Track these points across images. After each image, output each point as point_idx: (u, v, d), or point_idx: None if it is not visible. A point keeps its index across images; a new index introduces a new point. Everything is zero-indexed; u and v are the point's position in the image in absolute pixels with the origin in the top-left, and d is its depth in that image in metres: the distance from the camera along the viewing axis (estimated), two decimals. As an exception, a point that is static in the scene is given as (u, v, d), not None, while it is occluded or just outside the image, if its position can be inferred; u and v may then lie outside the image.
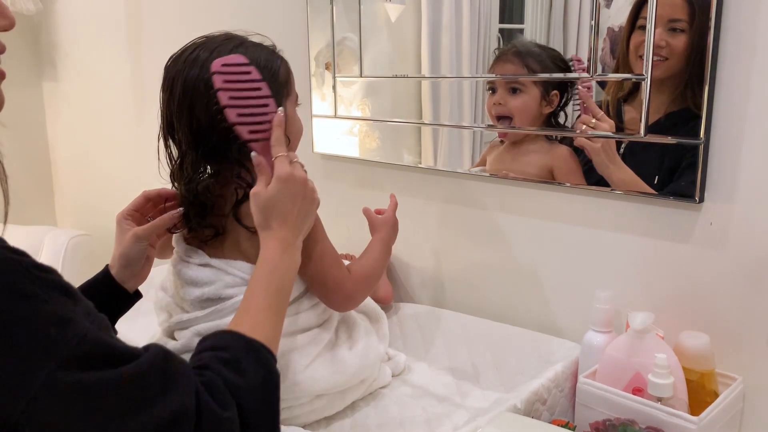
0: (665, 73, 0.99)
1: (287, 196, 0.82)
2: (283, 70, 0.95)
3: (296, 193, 0.84)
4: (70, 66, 2.33)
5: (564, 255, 1.18)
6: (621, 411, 0.93)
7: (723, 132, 0.97)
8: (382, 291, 1.36)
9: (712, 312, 1.02)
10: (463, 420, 0.99)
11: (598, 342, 1.04)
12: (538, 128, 1.17)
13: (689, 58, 0.97)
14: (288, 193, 0.83)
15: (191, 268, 0.97)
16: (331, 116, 1.48)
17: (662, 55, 0.99)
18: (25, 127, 2.43)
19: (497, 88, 1.20)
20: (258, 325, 0.75)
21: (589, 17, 1.07)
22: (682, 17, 0.96)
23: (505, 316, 1.27)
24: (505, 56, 1.20)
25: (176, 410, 0.58)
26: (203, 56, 0.90)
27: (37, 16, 2.27)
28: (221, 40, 0.93)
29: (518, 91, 1.18)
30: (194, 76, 0.89)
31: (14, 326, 0.52)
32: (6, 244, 0.56)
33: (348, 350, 1.04)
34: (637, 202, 1.07)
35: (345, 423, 1.04)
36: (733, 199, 0.98)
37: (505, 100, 1.19)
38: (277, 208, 0.82)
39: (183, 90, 0.89)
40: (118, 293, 0.97)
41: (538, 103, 1.16)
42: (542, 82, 1.15)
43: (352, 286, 1.01)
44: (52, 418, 0.53)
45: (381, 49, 1.41)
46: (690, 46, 0.96)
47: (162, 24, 1.91)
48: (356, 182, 1.50)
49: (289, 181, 0.83)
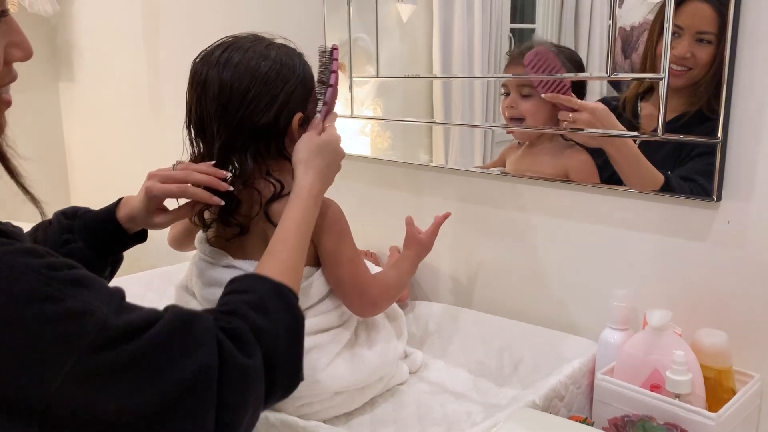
0: (687, 82, 1.00)
1: (333, 151, 0.97)
2: (310, 73, 0.99)
3: (338, 151, 0.98)
4: (86, 67, 2.35)
5: (580, 253, 1.19)
6: (639, 407, 0.93)
7: (740, 130, 0.97)
8: None
9: (730, 310, 1.02)
10: (480, 416, 1.00)
11: (615, 339, 1.04)
12: (546, 127, 1.18)
13: (712, 68, 0.96)
14: (333, 149, 0.97)
15: (216, 270, 0.99)
16: (347, 116, 1.49)
17: (687, 65, 0.99)
18: (42, 128, 2.45)
19: (510, 92, 1.21)
20: (286, 269, 0.78)
21: (599, 17, 1.08)
22: (711, 30, 0.95)
23: (522, 313, 1.27)
24: (518, 59, 1.20)
25: (198, 369, 0.60)
26: (236, 58, 0.92)
27: (54, 18, 2.29)
28: (251, 40, 0.95)
29: (528, 95, 1.18)
30: (229, 77, 0.92)
31: (35, 328, 0.54)
32: (16, 246, 0.57)
33: (368, 349, 1.06)
34: (654, 201, 1.08)
35: (364, 419, 1.05)
36: (750, 197, 0.98)
37: (516, 103, 1.20)
38: (323, 154, 0.94)
39: (219, 90, 0.92)
40: (121, 235, 0.97)
41: (549, 105, 1.16)
42: (550, 85, 1.16)
43: (378, 294, 1.04)
44: (79, 401, 0.55)
45: (393, 49, 1.42)
46: (716, 57, 0.95)
47: (179, 24, 1.93)
48: (370, 181, 1.51)
49: (337, 142, 0.98)
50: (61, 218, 0.96)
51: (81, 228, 0.94)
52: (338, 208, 1.02)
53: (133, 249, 1.00)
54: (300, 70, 0.97)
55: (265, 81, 0.92)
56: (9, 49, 0.65)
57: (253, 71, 0.92)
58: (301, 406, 0.99)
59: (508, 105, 1.21)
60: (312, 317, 0.99)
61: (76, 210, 0.97)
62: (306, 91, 0.98)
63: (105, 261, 0.96)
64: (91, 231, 0.94)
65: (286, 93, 0.94)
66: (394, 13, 1.39)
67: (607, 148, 1.09)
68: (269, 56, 0.94)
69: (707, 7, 0.96)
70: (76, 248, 0.93)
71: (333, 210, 1.00)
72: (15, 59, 0.66)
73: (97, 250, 0.94)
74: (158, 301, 1.46)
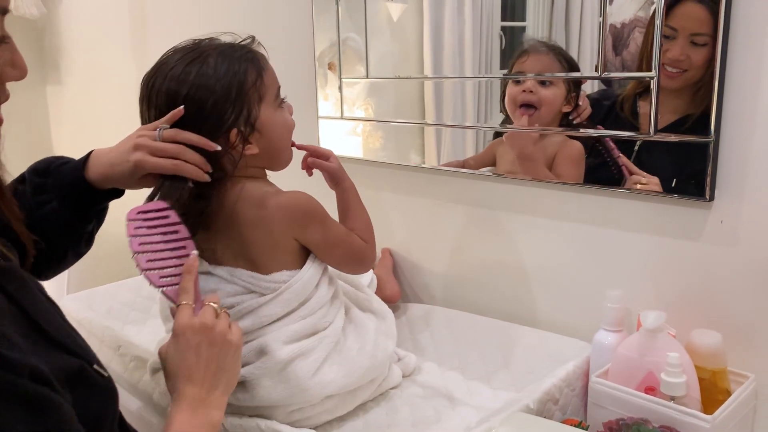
0: (682, 84, 0.99)
1: (186, 350, 0.73)
2: (250, 74, 0.93)
3: (198, 343, 0.74)
4: (74, 69, 2.33)
5: (574, 254, 1.18)
6: (634, 410, 0.93)
7: (733, 130, 0.97)
8: (388, 290, 1.36)
9: (724, 310, 1.02)
10: (475, 420, 0.99)
11: (609, 341, 1.03)
12: (541, 128, 1.17)
13: (709, 70, 0.95)
14: (186, 346, 0.73)
15: None
16: (337, 117, 1.48)
17: (681, 67, 0.98)
18: (30, 131, 2.43)
19: (526, 80, 1.20)
20: None
21: (590, 14, 1.07)
22: (705, 31, 0.95)
23: (515, 315, 1.26)
24: (537, 50, 1.19)
25: None
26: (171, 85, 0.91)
27: (40, 20, 2.27)
28: (177, 58, 0.93)
29: (549, 84, 1.17)
30: (165, 105, 0.91)
31: None
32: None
33: (357, 351, 1.04)
34: (647, 201, 1.07)
35: (357, 424, 1.04)
36: (743, 196, 0.98)
37: (536, 89, 1.18)
38: (178, 367, 0.73)
39: (165, 100, 0.92)
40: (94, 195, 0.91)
41: (563, 99, 1.16)
42: (568, 82, 1.15)
43: (372, 246, 1.08)
44: None
45: (384, 48, 1.41)
46: (711, 59, 0.95)
47: (166, 26, 1.91)
48: (362, 183, 1.50)
49: (186, 332, 0.74)
50: (33, 177, 0.90)
51: (55, 187, 0.88)
52: (306, 198, 0.98)
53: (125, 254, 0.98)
54: (230, 81, 0.91)
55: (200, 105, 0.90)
56: (4, 68, 0.64)
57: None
58: (292, 412, 0.98)
59: (525, 89, 1.19)
60: (293, 323, 0.97)
61: (48, 164, 0.91)
62: (243, 96, 0.92)
63: (84, 218, 0.91)
64: (66, 189, 0.88)
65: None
66: (385, 13, 1.38)
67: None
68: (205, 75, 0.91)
69: (701, 9, 0.95)
70: (51, 210, 0.88)
71: (303, 203, 0.98)
72: (10, 79, 0.65)
73: (74, 208, 0.89)
74: (150, 307, 1.44)
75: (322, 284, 1.02)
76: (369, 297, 1.17)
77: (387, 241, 1.47)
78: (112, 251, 2.26)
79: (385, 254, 1.45)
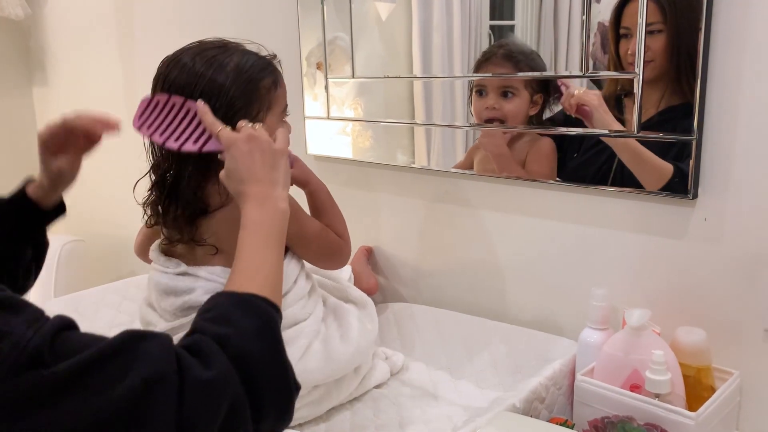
0: (653, 73, 1.00)
1: (240, 157, 0.80)
2: (266, 82, 0.95)
3: (250, 150, 0.80)
4: (60, 70, 2.31)
5: (559, 253, 1.18)
6: (619, 408, 0.93)
7: (716, 128, 0.97)
8: (365, 282, 1.37)
9: (708, 307, 1.02)
10: (461, 420, 0.99)
11: (595, 339, 1.04)
12: (526, 126, 1.17)
13: (673, 56, 0.98)
14: (239, 155, 0.80)
15: (170, 278, 0.98)
16: (324, 117, 1.48)
17: (645, 59, 1.00)
18: (16, 133, 2.41)
19: (488, 91, 1.20)
20: (249, 280, 0.72)
21: (579, 13, 1.07)
22: (656, 20, 0.98)
23: (502, 314, 1.27)
24: (495, 59, 1.19)
25: (150, 377, 0.56)
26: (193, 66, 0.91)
27: (25, 21, 2.25)
28: (215, 47, 0.93)
29: (511, 95, 1.17)
30: (182, 83, 0.91)
31: None
32: None
33: (339, 339, 1.06)
34: (631, 199, 1.08)
35: (344, 425, 1.04)
36: (726, 194, 0.98)
37: (499, 104, 1.19)
38: (238, 172, 0.80)
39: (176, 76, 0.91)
40: (34, 212, 0.92)
41: (528, 105, 1.16)
42: (530, 85, 1.15)
43: (345, 244, 1.11)
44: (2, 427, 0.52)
45: (372, 48, 1.41)
46: (670, 45, 0.98)
47: (153, 27, 1.90)
48: (351, 183, 1.50)
49: (237, 143, 0.81)
50: None
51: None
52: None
53: (113, 257, 0.97)
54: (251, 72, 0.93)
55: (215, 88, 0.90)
56: None
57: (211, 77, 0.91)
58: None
59: (488, 106, 1.20)
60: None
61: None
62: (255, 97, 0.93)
63: (18, 246, 0.90)
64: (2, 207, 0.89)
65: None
66: (373, 12, 1.37)
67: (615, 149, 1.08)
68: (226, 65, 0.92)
69: (648, 2, 0.98)
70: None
71: None
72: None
73: (5, 235, 0.88)
74: (137, 311, 1.43)
75: (300, 279, 1.05)
76: (347, 287, 1.19)
77: (375, 241, 1.47)
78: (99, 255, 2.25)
79: (360, 250, 1.45)
